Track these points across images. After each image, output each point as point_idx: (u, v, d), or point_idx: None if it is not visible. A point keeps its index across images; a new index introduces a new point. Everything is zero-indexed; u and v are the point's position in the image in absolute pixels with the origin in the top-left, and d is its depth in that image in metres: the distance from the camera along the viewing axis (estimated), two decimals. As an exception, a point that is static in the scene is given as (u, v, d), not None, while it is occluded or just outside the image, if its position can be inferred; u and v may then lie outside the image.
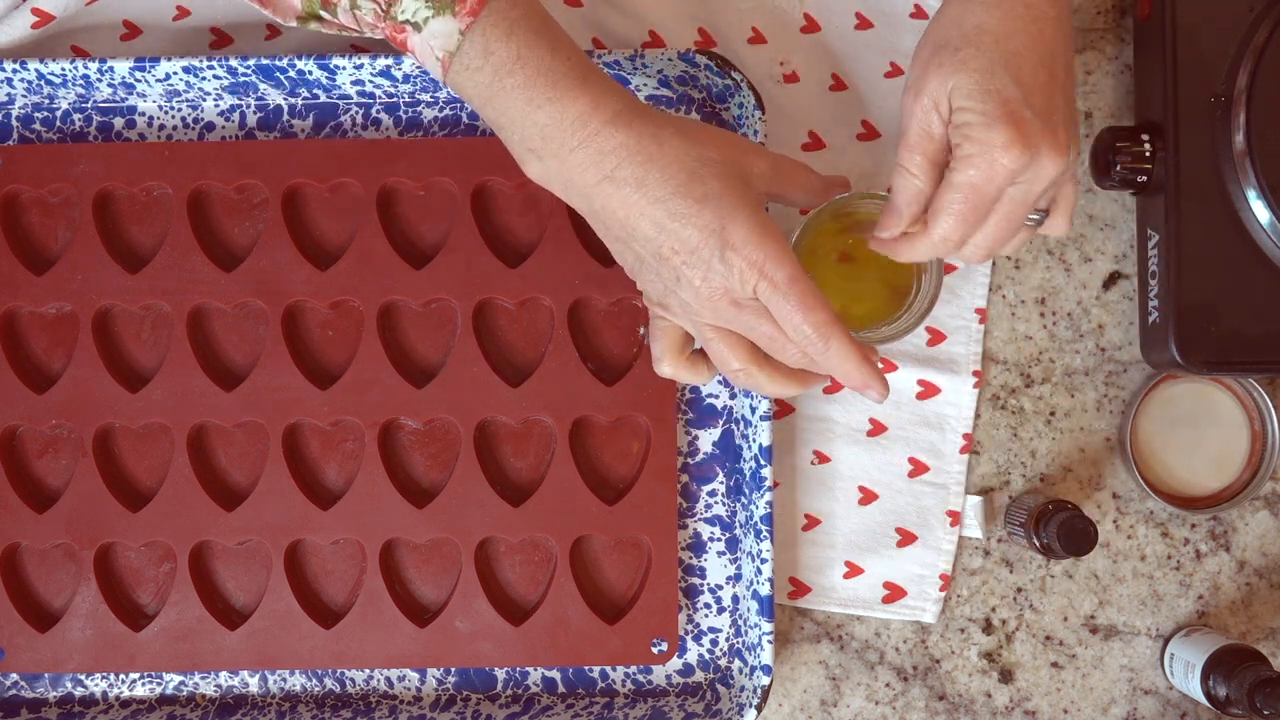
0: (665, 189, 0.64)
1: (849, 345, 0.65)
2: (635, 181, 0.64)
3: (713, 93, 0.80)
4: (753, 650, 0.77)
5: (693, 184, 0.64)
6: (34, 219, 0.80)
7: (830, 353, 0.65)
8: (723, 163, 0.65)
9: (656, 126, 0.65)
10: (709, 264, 0.64)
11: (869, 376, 0.66)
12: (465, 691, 0.80)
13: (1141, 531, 0.82)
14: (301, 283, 0.78)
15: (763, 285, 0.64)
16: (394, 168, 0.79)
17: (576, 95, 0.63)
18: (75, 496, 0.78)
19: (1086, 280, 0.83)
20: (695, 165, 0.64)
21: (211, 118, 0.81)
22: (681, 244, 0.64)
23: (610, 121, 0.64)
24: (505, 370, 0.79)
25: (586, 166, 0.64)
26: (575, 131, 0.63)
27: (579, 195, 0.66)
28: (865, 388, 0.66)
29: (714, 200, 0.64)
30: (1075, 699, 0.82)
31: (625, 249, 0.67)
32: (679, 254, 0.64)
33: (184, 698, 0.80)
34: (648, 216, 0.64)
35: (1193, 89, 0.76)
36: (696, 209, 0.64)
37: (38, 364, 0.80)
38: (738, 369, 0.68)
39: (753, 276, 0.64)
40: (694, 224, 0.64)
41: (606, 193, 0.64)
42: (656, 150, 0.64)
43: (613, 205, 0.65)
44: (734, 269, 0.64)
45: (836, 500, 0.81)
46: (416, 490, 0.79)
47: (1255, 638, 0.82)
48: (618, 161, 0.64)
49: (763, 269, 0.63)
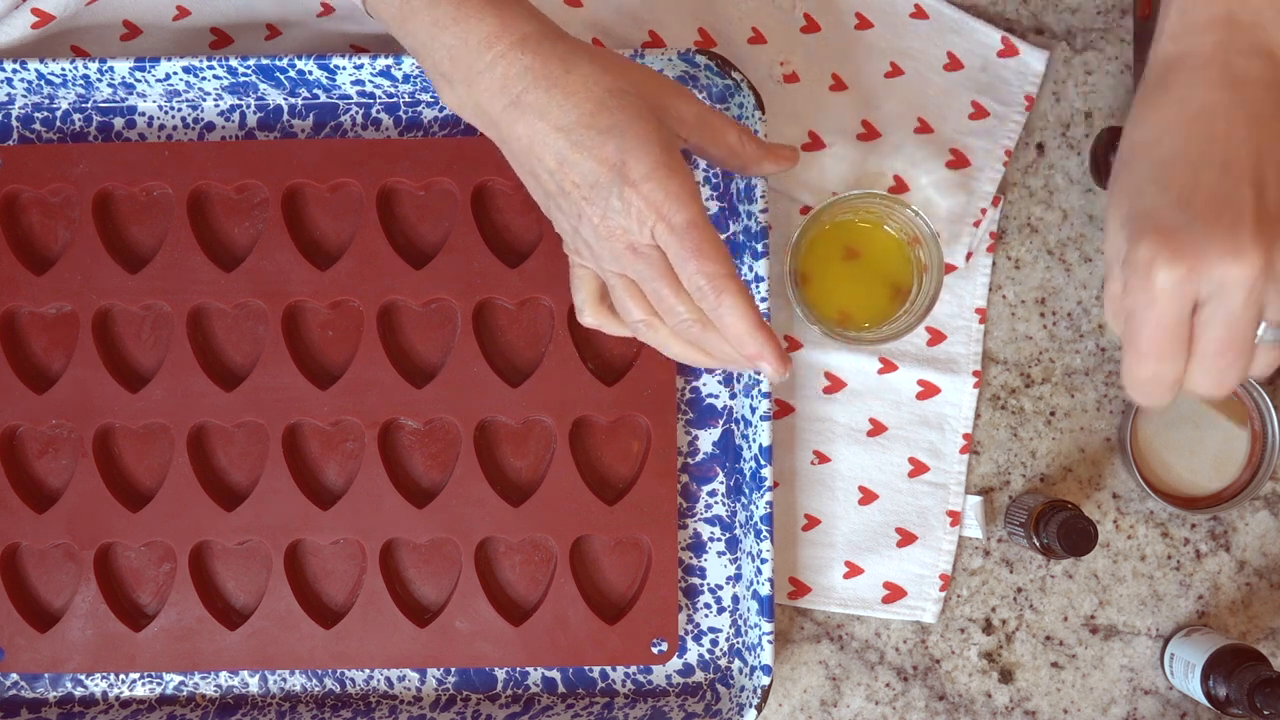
0: (570, 117, 0.60)
1: (745, 304, 0.61)
2: (540, 108, 0.61)
3: (713, 93, 0.80)
4: (753, 650, 0.77)
5: (599, 114, 0.60)
6: (34, 219, 0.80)
7: (722, 308, 0.60)
8: (635, 95, 0.62)
9: (568, 50, 0.61)
10: (608, 201, 0.61)
11: (763, 345, 0.61)
12: (465, 691, 0.80)
13: (1141, 531, 0.82)
14: (301, 283, 0.78)
15: (660, 227, 0.60)
16: (394, 168, 0.79)
17: (483, 15, 0.61)
18: (75, 496, 0.78)
19: (1086, 280, 0.83)
20: (604, 95, 0.61)
21: (211, 118, 0.81)
22: (582, 177, 0.61)
23: (518, 44, 0.61)
24: (505, 370, 0.79)
25: (494, 91, 0.61)
26: (481, 54, 0.61)
27: (489, 123, 0.63)
28: (758, 358, 0.62)
29: (619, 133, 0.60)
30: (1075, 699, 0.82)
31: (535, 183, 0.64)
32: (579, 188, 0.61)
33: (184, 698, 0.80)
34: (551, 146, 0.61)
35: (1193, 89, 0.76)
36: (600, 140, 0.60)
37: (38, 364, 0.80)
38: (639, 320, 0.64)
39: (650, 217, 0.60)
40: (595, 156, 0.60)
41: (512, 118, 0.61)
42: (564, 76, 0.61)
43: (518, 132, 0.61)
44: (631, 207, 0.60)
45: (836, 500, 0.81)
46: (416, 490, 0.79)
47: (1255, 638, 0.82)
48: (523, 86, 0.61)
49: (661, 209, 0.60)
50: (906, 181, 0.82)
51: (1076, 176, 0.83)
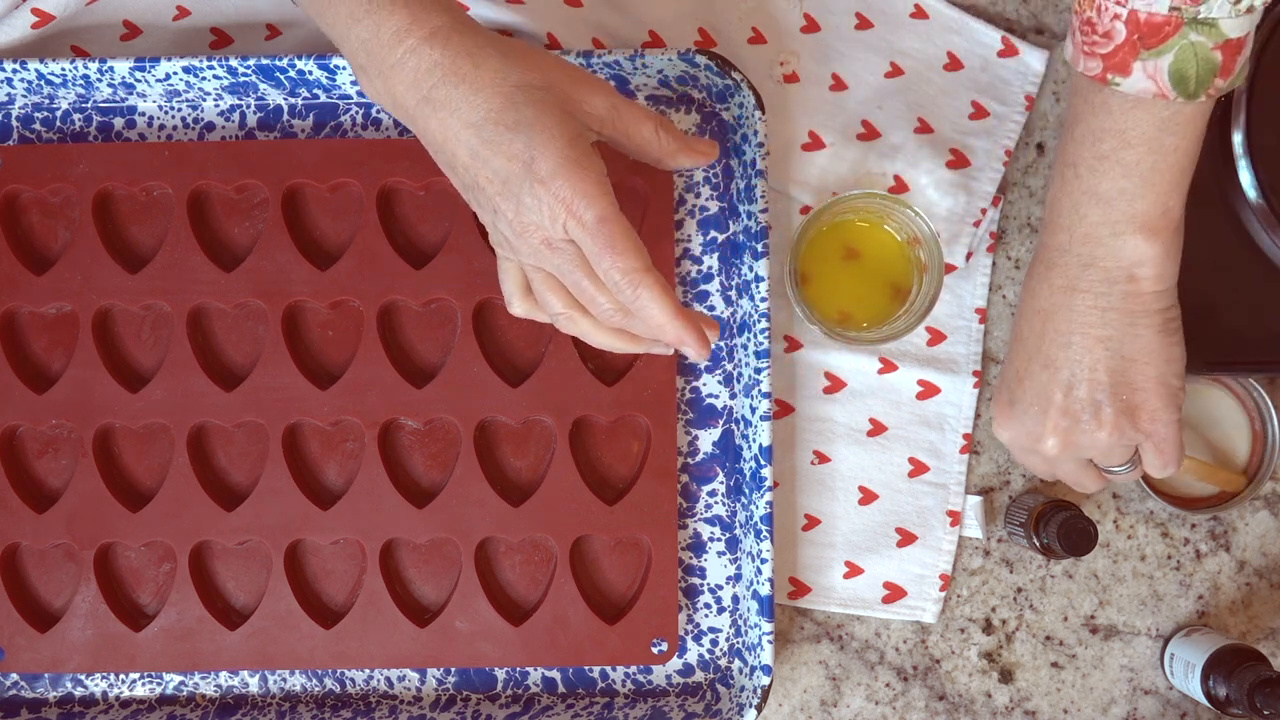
0: (478, 113, 0.60)
1: (661, 295, 0.61)
2: (450, 104, 0.60)
3: (713, 93, 0.80)
4: (753, 650, 0.77)
5: (506, 110, 0.60)
6: (34, 219, 0.80)
7: (640, 301, 0.61)
8: (543, 89, 0.61)
9: (476, 45, 0.61)
10: (519, 197, 0.61)
11: (683, 330, 0.62)
12: (465, 691, 0.80)
13: (1141, 531, 0.82)
14: (301, 283, 0.78)
15: (572, 224, 0.60)
16: (394, 168, 0.79)
17: (393, 9, 0.60)
18: (75, 496, 0.78)
19: (1086, 280, 0.82)
20: (512, 91, 0.60)
21: (211, 118, 0.81)
22: (494, 173, 0.61)
23: (428, 39, 0.60)
24: (505, 370, 0.79)
25: (407, 86, 0.61)
26: (393, 48, 0.60)
27: (406, 116, 0.63)
28: (679, 343, 0.63)
29: (526, 128, 0.60)
30: (1075, 699, 0.82)
31: (453, 175, 0.64)
32: (492, 183, 0.61)
33: (184, 698, 0.80)
34: (463, 142, 0.61)
35: (1193, 89, 0.76)
36: (508, 136, 0.60)
37: (38, 364, 0.80)
38: (559, 313, 0.65)
39: (561, 213, 0.60)
40: (504, 152, 0.60)
41: (425, 114, 0.61)
42: (473, 71, 0.60)
43: (431, 127, 0.61)
44: (543, 204, 0.60)
45: (836, 500, 0.81)
46: (416, 490, 0.79)
47: (1255, 638, 0.82)
48: (434, 81, 0.60)
49: (571, 206, 0.60)
50: (906, 181, 0.82)
51: (1076, 176, 0.83)
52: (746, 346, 0.78)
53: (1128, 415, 0.69)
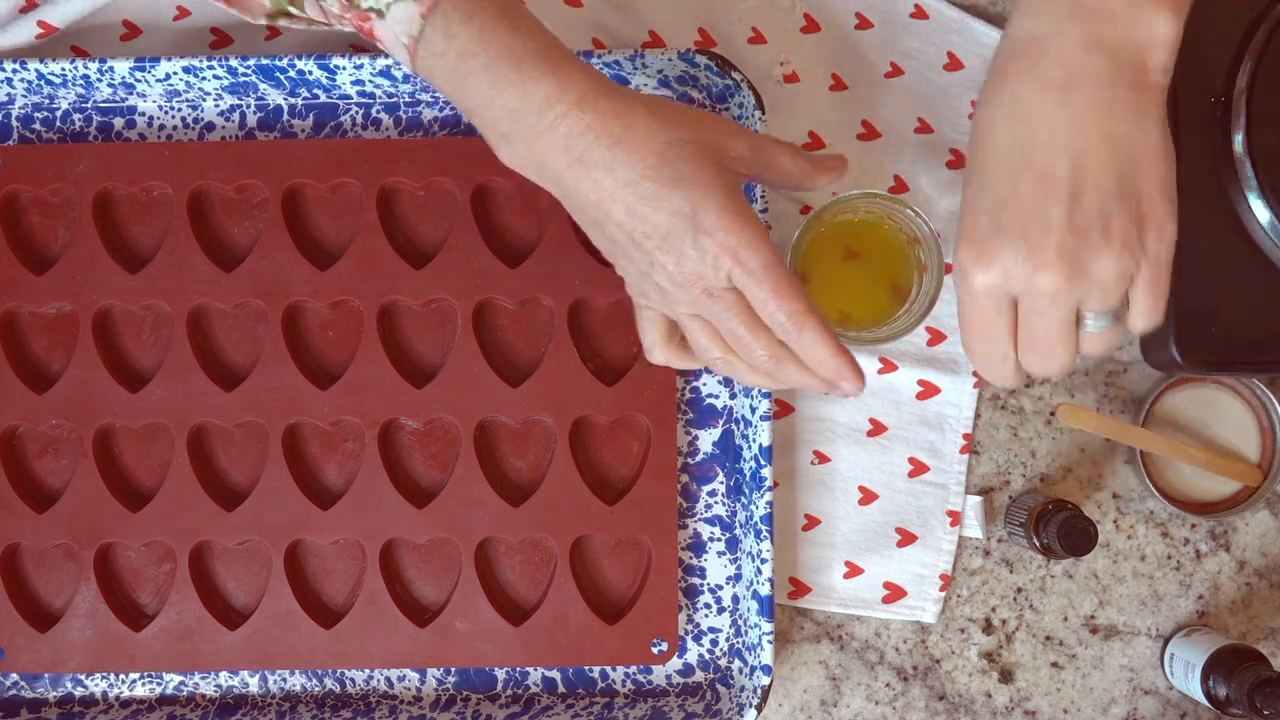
0: (634, 172, 0.62)
1: (823, 334, 0.63)
2: (604, 165, 0.62)
3: (713, 93, 0.80)
4: (753, 650, 0.77)
5: (662, 167, 0.62)
6: (34, 219, 0.80)
7: (804, 341, 0.63)
8: (693, 144, 0.63)
9: (625, 106, 0.63)
10: (681, 249, 0.62)
11: (842, 368, 0.64)
12: (465, 691, 0.80)
13: (1141, 531, 0.82)
14: (301, 283, 0.78)
15: (737, 271, 0.62)
16: (394, 168, 0.79)
17: (541, 77, 0.62)
18: (75, 496, 0.78)
19: (1086, 280, 0.82)
20: (664, 147, 0.62)
21: (211, 118, 0.81)
22: (654, 228, 0.62)
23: (577, 103, 0.62)
24: (505, 370, 0.79)
25: (556, 150, 0.63)
26: (542, 114, 0.62)
27: (551, 179, 0.64)
28: (839, 379, 0.64)
29: (685, 184, 0.62)
30: (1075, 699, 0.82)
31: (600, 233, 0.65)
32: (651, 239, 0.63)
33: (184, 698, 0.80)
34: (619, 200, 0.62)
35: (1193, 89, 0.76)
36: (667, 193, 0.62)
37: (38, 364, 0.80)
38: (718, 358, 0.67)
39: (726, 262, 0.62)
40: (664, 208, 0.62)
41: (577, 176, 0.63)
42: (624, 132, 0.62)
43: (583, 189, 0.63)
44: (707, 254, 0.62)
45: (836, 500, 0.81)
46: (416, 490, 0.79)
47: (1255, 638, 0.82)
48: (586, 145, 0.62)
49: (736, 254, 0.62)
50: (906, 181, 0.82)
51: (1076, 176, 0.83)
52: (746, 346, 0.78)
53: (1137, 228, 0.59)
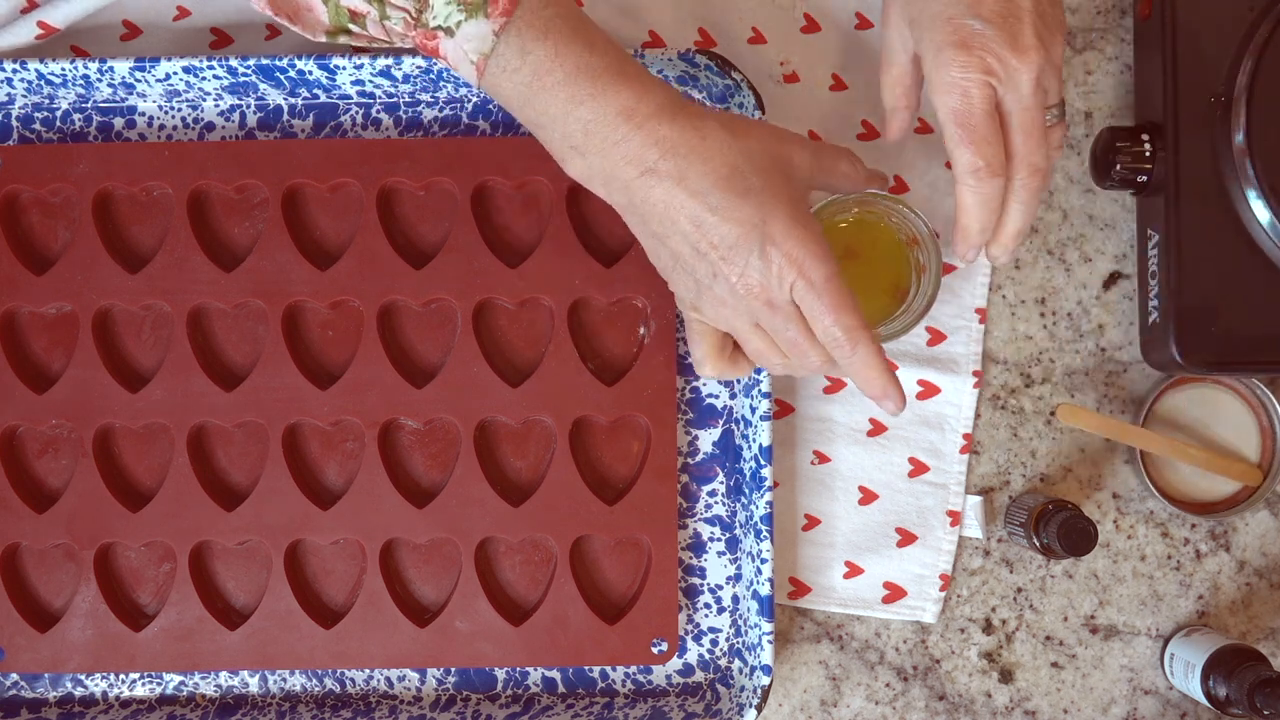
0: (706, 182, 0.63)
1: (875, 352, 0.65)
2: (677, 175, 0.63)
3: (713, 93, 0.80)
4: (753, 650, 0.77)
5: (734, 178, 0.63)
6: (34, 219, 0.80)
7: (856, 358, 0.65)
8: (765, 155, 0.65)
9: (699, 119, 0.64)
10: (747, 260, 0.64)
11: (889, 386, 0.66)
12: (465, 691, 0.80)
13: (1141, 531, 0.82)
14: (301, 283, 0.78)
15: (800, 283, 0.63)
16: (394, 168, 0.79)
17: (618, 89, 0.63)
18: (75, 496, 0.78)
19: (1086, 280, 0.83)
20: (738, 159, 0.64)
21: (211, 118, 0.81)
22: (720, 239, 0.63)
23: (654, 115, 0.63)
24: (505, 370, 0.79)
25: (629, 160, 0.64)
26: (619, 126, 0.63)
27: (620, 189, 0.65)
28: (884, 398, 0.67)
29: (756, 195, 0.63)
30: (1075, 699, 0.82)
31: (661, 246, 0.66)
32: (717, 249, 0.64)
33: (184, 698, 0.80)
34: (686, 210, 0.63)
35: (1193, 89, 0.76)
36: (738, 203, 0.63)
37: (38, 364, 0.80)
38: (778, 363, 0.68)
39: (791, 274, 0.63)
40: (734, 218, 0.63)
41: (648, 185, 0.64)
42: (700, 144, 0.63)
43: (653, 199, 0.64)
44: (772, 265, 0.63)
45: (836, 500, 0.81)
46: (416, 490, 0.79)
47: (1255, 638, 0.82)
48: (660, 154, 0.63)
49: (802, 266, 0.63)
50: (906, 182, 0.82)
51: (1076, 176, 0.83)
52: (746, 346, 0.78)
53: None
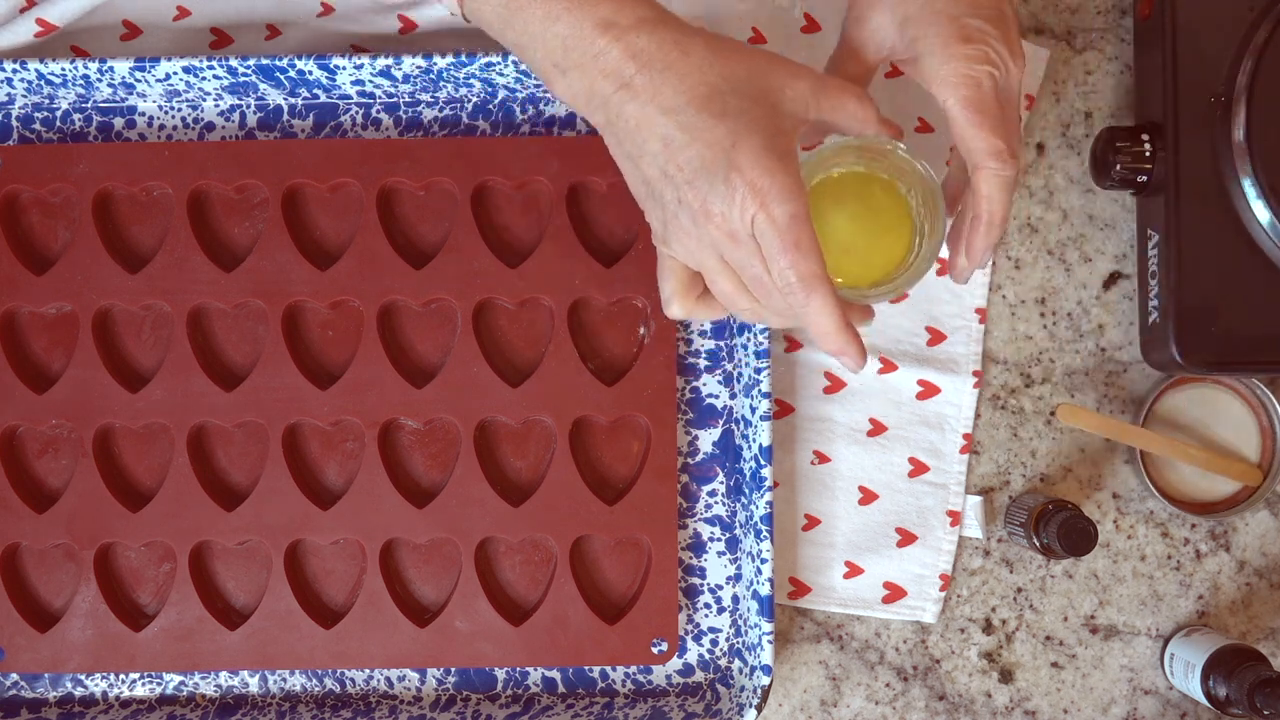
0: (680, 99, 0.60)
1: (831, 304, 0.61)
2: (651, 90, 0.60)
3: (713, 93, 0.80)
4: (753, 650, 0.77)
5: (713, 99, 0.60)
6: (34, 219, 0.80)
7: (810, 307, 0.61)
8: (751, 82, 0.61)
9: (684, 35, 0.61)
10: (710, 185, 0.60)
11: (847, 342, 0.63)
12: (465, 691, 0.80)
13: (1141, 531, 0.82)
14: (301, 283, 0.78)
15: (760, 217, 0.60)
16: (394, 168, 0.79)
17: (596, 3, 0.61)
18: (75, 496, 0.78)
19: (1086, 280, 0.83)
20: (719, 80, 0.60)
21: (211, 118, 0.81)
22: (686, 161, 0.60)
23: (633, 27, 0.60)
24: (505, 370, 0.79)
25: (607, 74, 0.61)
26: (596, 39, 0.60)
27: (599, 106, 0.62)
28: (841, 353, 0.63)
29: (732, 119, 0.60)
30: (1075, 699, 0.82)
31: (634, 169, 0.63)
32: (682, 171, 0.60)
33: (184, 698, 0.80)
34: (657, 128, 0.60)
35: (1193, 89, 0.76)
36: (711, 124, 0.60)
37: (38, 364, 0.80)
38: (745, 308, 0.65)
39: (752, 205, 0.59)
40: (703, 139, 0.60)
41: (622, 100, 0.61)
42: (680, 59, 0.60)
43: (626, 114, 0.61)
44: (735, 193, 0.59)
45: (836, 500, 0.81)
46: (416, 490, 0.79)
47: (1255, 638, 0.82)
48: (636, 68, 0.60)
49: (765, 198, 0.59)
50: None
51: (1076, 176, 0.83)
52: (746, 346, 0.78)
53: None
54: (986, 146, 0.65)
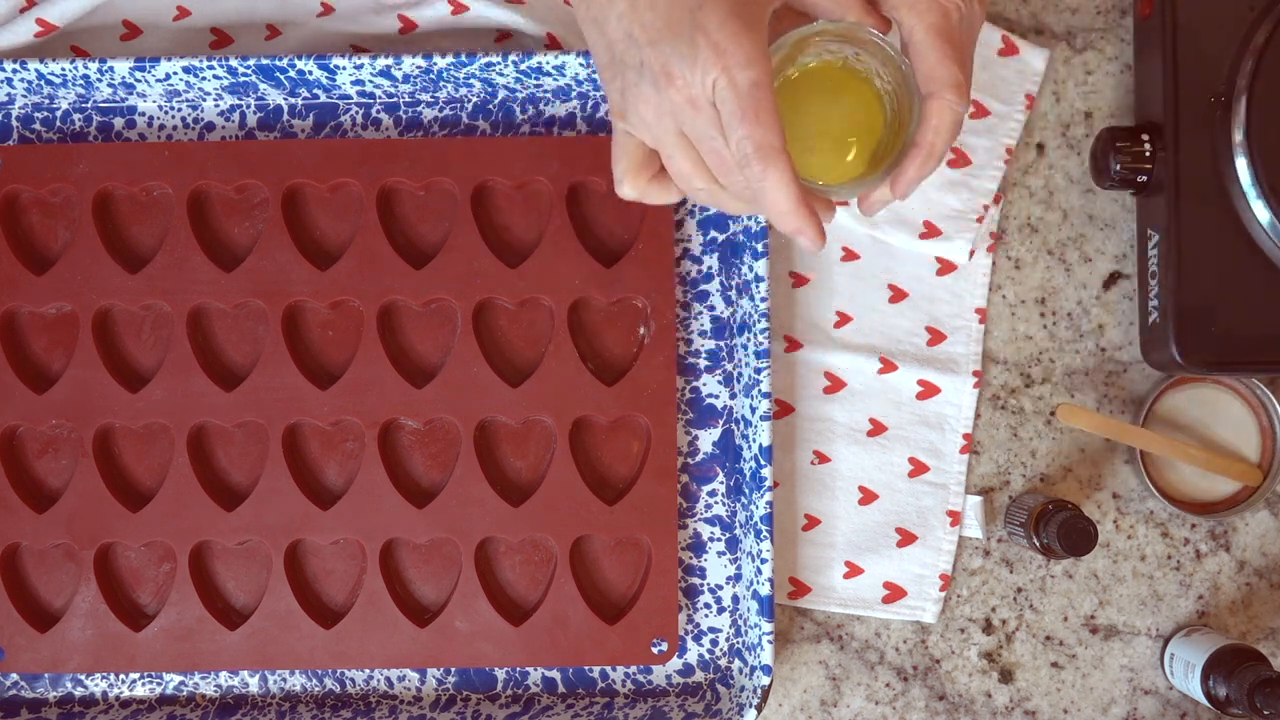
0: None
1: (789, 179, 0.58)
2: None
3: (713, 93, 0.80)
4: (753, 650, 0.77)
5: None
6: (34, 219, 0.80)
7: (767, 182, 0.57)
8: None
9: None
10: (673, 47, 0.57)
11: (805, 219, 0.59)
12: (465, 691, 0.80)
13: (1141, 531, 0.82)
14: (301, 283, 0.78)
15: (722, 81, 0.56)
16: (394, 168, 0.79)
17: None
18: (75, 496, 0.78)
19: (1086, 280, 0.83)
20: None
21: (211, 118, 0.81)
22: (650, 21, 0.57)
23: None
24: (505, 370, 0.79)
25: None
26: None
27: None
28: (798, 232, 0.60)
29: None
30: (1075, 699, 0.82)
31: (599, 34, 0.60)
32: (646, 32, 0.58)
33: (184, 698, 0.80)
34: None
35: (1193, 89, 0.76)
36: None
37: (38, 364, 0.80)
38: (701, 188, 0.61)
39: (714, 69, 0.56)
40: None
41: None
42: None
43: None
44: (698, 55, 0.56)
45: (836, 500, 0.81)
46: (416, 490, 0.79)
47: (1255, 638, 0.82)
48: None
49: (727, 61, 0.56)
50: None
51: (1076, 176, 0.83)
52: (746, 346, 0.78)
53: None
54: (948, 76, 0.60)
